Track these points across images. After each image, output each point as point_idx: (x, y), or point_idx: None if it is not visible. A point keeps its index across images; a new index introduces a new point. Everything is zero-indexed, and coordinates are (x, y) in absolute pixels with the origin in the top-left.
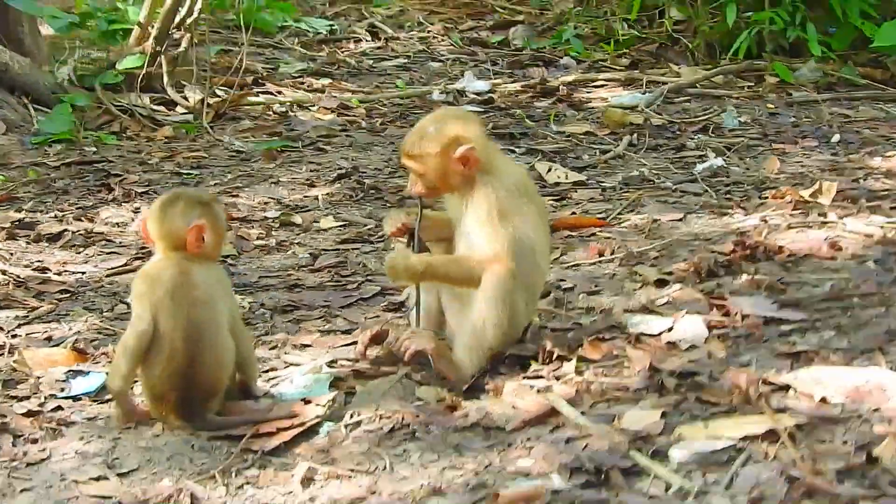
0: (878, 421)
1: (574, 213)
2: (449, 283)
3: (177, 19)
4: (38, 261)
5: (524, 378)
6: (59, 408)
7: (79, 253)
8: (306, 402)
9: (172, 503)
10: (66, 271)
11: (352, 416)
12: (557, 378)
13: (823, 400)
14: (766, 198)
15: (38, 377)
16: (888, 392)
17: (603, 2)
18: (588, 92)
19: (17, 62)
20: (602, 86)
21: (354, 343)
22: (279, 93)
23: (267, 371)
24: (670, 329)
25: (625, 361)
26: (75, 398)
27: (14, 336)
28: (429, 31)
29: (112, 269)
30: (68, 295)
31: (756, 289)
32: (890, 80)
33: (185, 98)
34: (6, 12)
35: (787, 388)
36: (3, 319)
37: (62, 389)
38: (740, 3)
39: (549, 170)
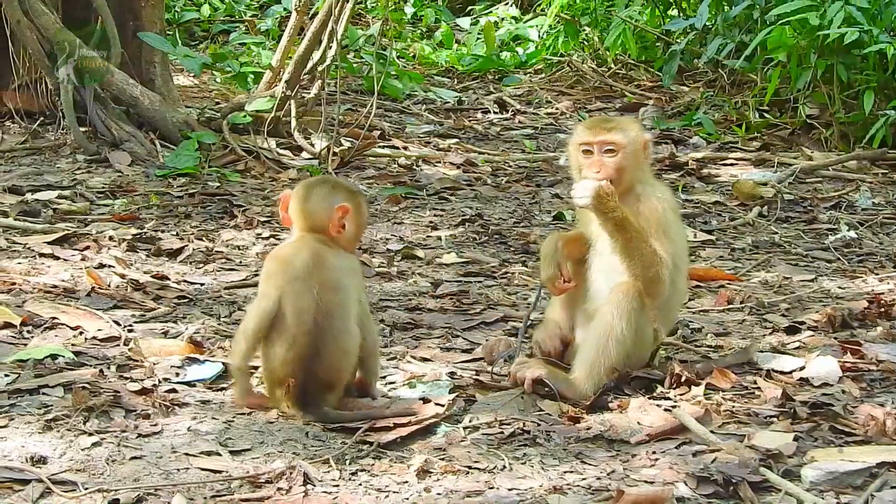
0: None
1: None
2: (625, 249)
3: (309, 65)
4: (158, 270)
5: (650, 398)
6: (173, 390)
7: (198, 268)
8: (425, 401)
9: (285, 481)
10: (185, 281)
11: (471, 421)
12: (685, 400)
13: None
14: None
15: (154, 363)
16: None
17: (735, 91)
18: (717, 168)
19: (147, 97)
20: (732, 164)
21: (476, 360)
22: (405, 148)
23: (384, 377)
24: (802, 368)
25: (755, 392)
26: (190, 384)
27: (130, 330)
28: (557, 108)
29: (231, 282)
30: (186, 301)
31: (893, 340)
32: None
33: (312, 144)
34: (140, 52)
35: None
36: (119, 316)
37: (177, 375)
38: (878, 92)
39: None
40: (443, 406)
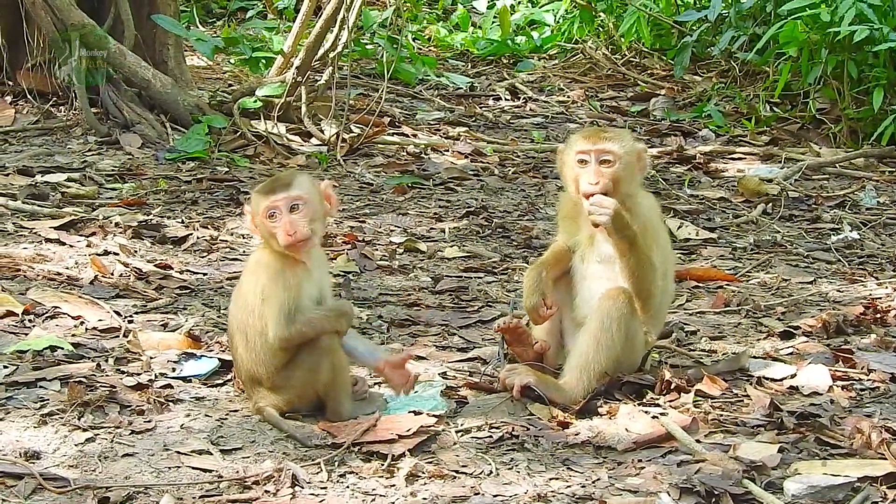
0: None
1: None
2: (632, 266)
3: (320, 52)
4: (161, 259)
5: (639, 405)
6: (169, 386)
7: (202, 257)
8: (416, 413)
9: (272, 483)
10: (187, 270)
11: (461, 424)
12: (674, 407)
13: None
14: None
15: (151, 357)
16: None
17: (747, 83)
18: (725, 162)
19: (159, 80)
20: (740, 158)
21: (471, 360)
22: (414, 136)
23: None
24: (793, 375)
25: (745, 400)
26: (185, 379)
27: (130, 321)
28: (568, 97)
29: (234, 273)
30: (188, 291)
31: (885, 349)
32: None
33: (321, 130)
34: (153, 34)
35: None
36: (120, 306)
37: (173, 370)
38: (887, 89)
39: (680, 226)
40: (433, 421)
